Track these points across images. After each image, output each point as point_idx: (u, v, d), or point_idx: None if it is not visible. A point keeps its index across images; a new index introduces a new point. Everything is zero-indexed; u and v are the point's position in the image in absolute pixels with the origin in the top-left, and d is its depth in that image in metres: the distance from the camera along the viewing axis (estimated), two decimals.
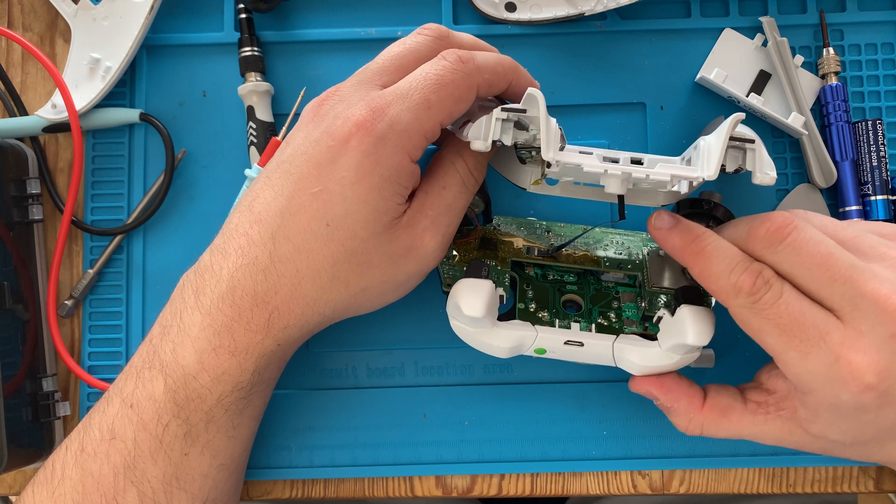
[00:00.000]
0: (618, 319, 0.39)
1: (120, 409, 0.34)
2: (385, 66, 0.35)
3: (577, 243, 0.40)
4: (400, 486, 0.42)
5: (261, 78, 0.43)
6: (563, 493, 0.42)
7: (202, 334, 0.34)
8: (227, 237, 0.35)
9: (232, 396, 0.34)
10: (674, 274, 0.39)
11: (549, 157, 0.33)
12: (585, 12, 0.42)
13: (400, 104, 0.33)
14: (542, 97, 0.33)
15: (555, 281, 0.40)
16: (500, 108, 0.34)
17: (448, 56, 0.34)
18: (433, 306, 0.42)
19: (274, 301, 0.34)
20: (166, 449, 0.34)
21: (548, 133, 0.33)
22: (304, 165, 0.33)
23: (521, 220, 0.40)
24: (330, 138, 0.33)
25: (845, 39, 0.44)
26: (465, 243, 0.40)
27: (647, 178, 0.33)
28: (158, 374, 0.34)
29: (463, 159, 0.36)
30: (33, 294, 0.42)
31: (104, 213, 0.43)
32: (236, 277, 0.33)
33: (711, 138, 0.35)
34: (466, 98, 0.34)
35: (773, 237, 0.32)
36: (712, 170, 0.33)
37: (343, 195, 0.33)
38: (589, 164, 0.33)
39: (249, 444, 0.38)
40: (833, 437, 0.34)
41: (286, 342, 0.35)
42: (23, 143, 0.43)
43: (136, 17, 0.42)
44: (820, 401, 0.32)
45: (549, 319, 0.38)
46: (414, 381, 0.42)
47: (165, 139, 0.42)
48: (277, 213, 0.33)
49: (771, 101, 0.42)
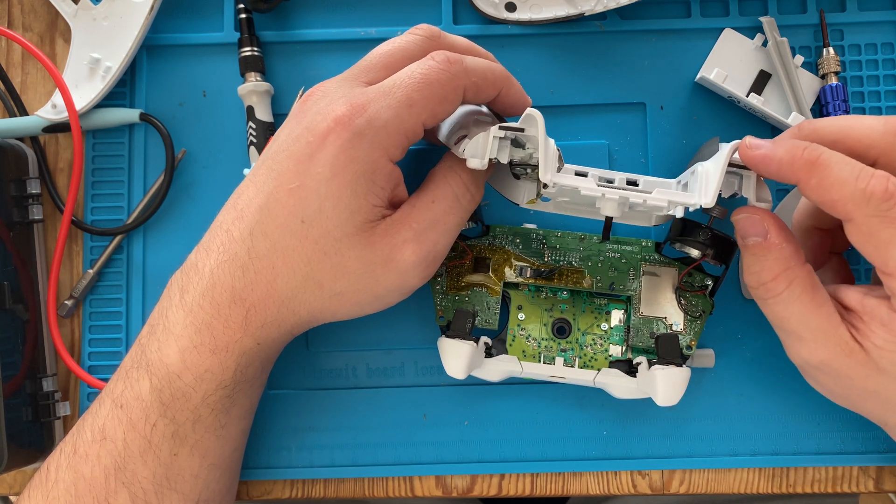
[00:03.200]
0: (604, 346, 0.40)
1: (111, 410, 0.34)
2: (372, 64, 0.35)
3: (573, 254, 0.40)
4: (400, 486, 0.42)
5: (260, 78, 0.43)
6: (563, 493, 0.42)
7: (184, 332, 0.34)
8: (211, 234, 0.35)
9: (216, 395, 0.34)
10: (664, 301, 0.39)
11: (546, 179, 0.33)
12: (585, 12, 0.42)
13: (381, 101, 0.33)
14: (541, 117, 0.33)
15: (547, 298, 0.40)
16: (497, 127, 0.34)
17: (436, 56, 0.34)
18: (433, 307, 0.42)
19: (250, 298, 0.34)
20: (155, 449, 0.34)
21: (546, 155, 0.33)
22: (285, 162, 0.33)
23: (517, 230, 0.40)
24: (309, 134, 0.33)
25: (845, 39, 0.44)
26: (459, 265, 0.40)
27: (644, 202, 0.33)
28: (145, 373, 0.34)
29: (457, 174, 0.36)
30: (33, 294, 0.42)
31: (104, 213, 0.43)
32: (216, 274, 0.34)
33: (710, 164, 0.35)
34: (451, 99, 0.34)
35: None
36: (710, 197, 0.33)
37: (318, 191, 0.33)
38: (586, 187, 0.34)
39: (241, 444, 0.38)
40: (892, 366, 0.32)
41: (265, 341, 0.35)
42: (23, 143, 0.43)
43: (136, 17, 0.42)
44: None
45: (536, 349, 0.39)
46: (414, 381, 0.42)
47: (165, 139, 0.42)
48: (256, 210, 0.33)
49: (771, 101, 0.42)
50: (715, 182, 0.33)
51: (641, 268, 0.40)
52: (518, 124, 0.34)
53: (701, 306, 0.39)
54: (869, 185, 0.30)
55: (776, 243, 0.34)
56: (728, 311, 0.42)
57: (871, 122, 0.33)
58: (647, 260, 0.40)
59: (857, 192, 0.31)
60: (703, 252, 0.37)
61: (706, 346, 0.42)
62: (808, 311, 0.33)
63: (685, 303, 0.39)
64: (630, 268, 0.40)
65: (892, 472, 0.41)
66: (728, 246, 0.37)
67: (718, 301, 0.40)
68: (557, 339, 0.40)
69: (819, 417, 0.41)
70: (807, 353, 0.34)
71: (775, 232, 0.34)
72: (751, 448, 0.41)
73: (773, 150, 0.33)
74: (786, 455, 0.41)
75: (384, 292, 0.35)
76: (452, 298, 0.40)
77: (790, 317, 0.34)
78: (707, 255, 0.37)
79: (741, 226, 0.35)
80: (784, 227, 0.34)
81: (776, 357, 0.41)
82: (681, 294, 0.39)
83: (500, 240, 0.40)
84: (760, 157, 0.33)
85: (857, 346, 0.33)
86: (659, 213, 0.35)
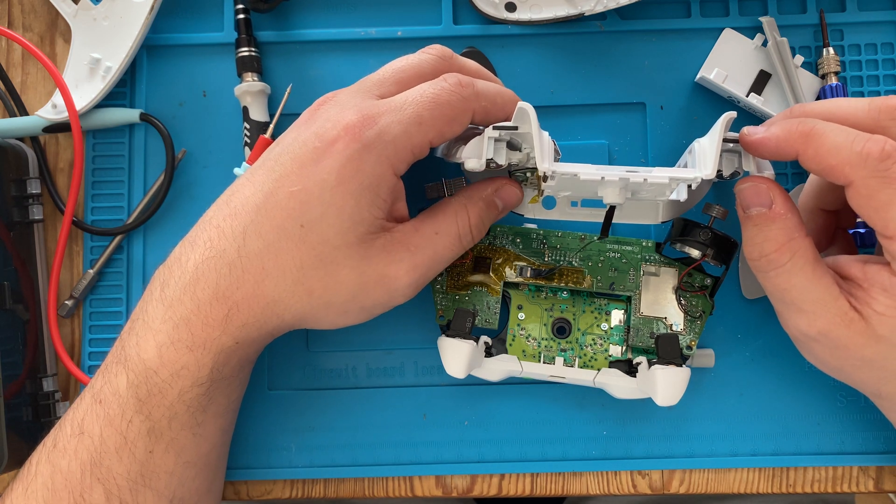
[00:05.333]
0: (604, 345, 0.40)
1: (90, 404, 0.34)
2: (385, 79, 0.36)
3: (573, 254, 0.40)
4: (400, 486, 0.42)
5: (256, 78, 0.43)
6: (562, 493, 0.42)
7: (163, 327, 0.34)
8: (199, 229, 0.35)
9: (192, 392, 0.34)
10: (665, 301, 0.39)
11: (544, 167, 0.33)
12: (585, 12, 0.42)
13: (392, 116, 0.33)
14: (532, 110, 0.33)
15: (548, 298, 0.40)
16: (491, 127, 0.34)
17: (448, 79, 0.34)
18: (433, 306, 0.42)
19: (235, 297, 0.33)
20: (131, 446, 0.34)
21: (541, 144, 0.33)
22: (288, 164, 0.33)
23: (518, 229, 0.40)
24: (317, 139, 0.33)
25: (845, 39, 0.44)
26: (459, 265, 0.40)
27: (646, 181, 0.33)
28: (122, 368, 0.34)
29: (467, 215, 0.36)
30: (33, 294, 0.42)
31: (104, 213, 0.43)
32: (201, 269, 0.33)
33: (705, 139, 0.35)
34: (460, 121, 0.35)
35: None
36: (709, 168, 0.33)
37: (321, 197, 0.33)
38: (585, 171, 0.34)
39: (219, 442, 0.38)
40: None
41: (244, 341, 0.35)
42: (23, 143, 0.43)
43: (136, 17, 0.42)
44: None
45: (536, 349, 0.39)
46: (414, 381, 0.42)
47: (165, 139, 0.42)
48: (253, 209, 0.33)
49: (771, 101, 0.42)
50: (713, 153, 0.33)
51: (642, 268, 0.40)
52: (511, 122, 0.34)
53: (701, 306, 0.39)
54: (865, 146, 0.31)
55: (781, 213, 0.34)
56: (728, 311, 0.42)
57: (856, 102, 0.34)
58: (647, 260, 0.40)
59: (853, 154, 0.31)
60: (703, 252, 0.37)
61: (706, 346, 0.42)
62: (810, 283, 0.33)
63: (685, 303, 0.39)
64: (630, 268, 0.40)
65: (892, 472, 0.41)
66: (728, 246, 0.37)
67: (718, 301, 0.40)
68: (557, 338, 0.40)
69: (819, 417, 0.41)
70: (805, 325, 0.34)
71: (780, 201, 0.34)
72: (751, 448, 0.41)
73: (770, 129, 0.33)
74: (786, 455, 0.41)
75: (371, 306, 0.35)
76: (452, 298, 0.40)
77: (791, 288, 0.34)
78: (707, 255, 0.37)
79: (745, 195, 0.35)
80: (788, 197, 0.34)
81: (776, 357, 0.42)
82: (681, 294, 0.39)
83: (500, 239, 0.40)
84: (759, 139, 0.34)
85: (857, 314, 0.33)
86: (662, 196, 0.35)
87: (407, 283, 0.35)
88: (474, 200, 0.36)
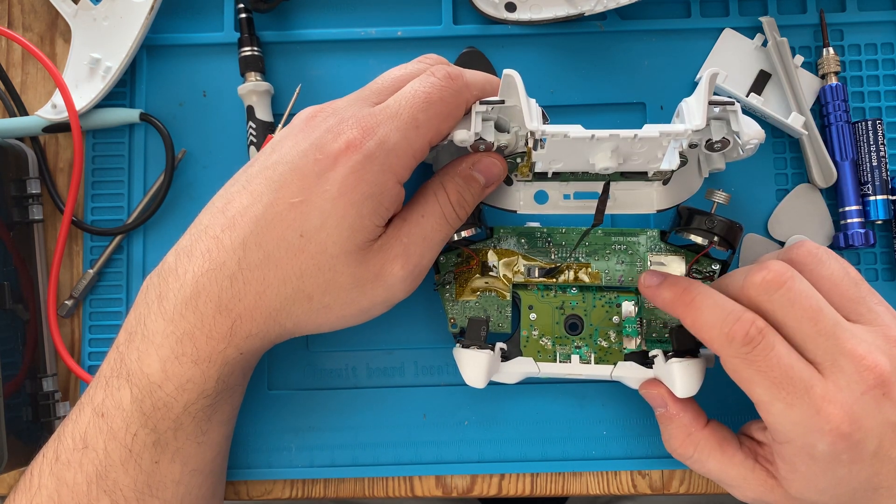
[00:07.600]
0: (617, 339, 0.40)
1: (91, 418, 0.34)
2: (383, 87, 0.36)
3: (580, 249, 0.40)
4: (400, 486, 0.42)
5: (260, 78, 0.43)
6: (563, 493, 0.42)
7: (165, 342, 0.33)
8: (194, 238, 0.34)
9: (198, 404, 0.34)
10: None
11: (532, 126, 0.33)
12: (585, 12, 0.42)
13: (390, 123, 0.33)
14: (518, 76, 0.33)
15: (557, 296, 0.40)
16: (478, 102, 0.34)
17: (437, 72, 0.34)
18: (433, 306, 0.42)
19: (237, 309, 0.33)
20: (136, 458, 0.34)
21: (528, 107, 0.33)
22: (288, 175, 0.33)
23: (521, 229, 0.40)
24: (318, 151, 0.33)
25: (845, 39, 0.44)
26: (466, 270, 0.40)
27: (636, 137, 0.33)
28: (125, 382, 0.34)
29: (445, 191, 0.36)
30: (33, 294, 0.42)
31: (104, 213, 0.43)
32: (201, 282, 0.33)
33: (691, 98, 0.35)
34: (455, 115, 0.35)
35: (770, 284, 0.33)
36: (699, 118, 0.33)
37: (322, 208, 0.33)
38: (574, 131, 0.33)
39: (223, 448, 0.38)
40: (811, 498, 0.34)
41: (248, 351, 0.35)
42: (23, 143, 0.43)
43: (136, 17, 0.42)
44: (797, 451, 0.33)
45: (551, 348, 0.39)
46: (414, 381, 0.42)
47: (165, 139, 0.42)
48: (252, 220, 0.33)
49: (771, 101, 0.42)
50: (701, 105, 0.33)
51: (648, 258, 0.40)
52: (498, 97, 0.34)
53: None
54: (732, 329, 0.33)
55: (673, 413, 0.38)
56: None
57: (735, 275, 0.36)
58: (653, 250, 0.40)
59: (721, 335, 0.33)
60: (709, 239, 0.37)
61: None
62: (723, 465, 0.36)
63: None
64: (637, 259, 0.40)
65: None
66: (733, 230, 0.37)
67: None
68: (571, 335, 0.40)
69: None
70: (741, 496, 0.37)
71: (671, 403, 0.38)
72: None
73: (661, 289, 0.36)
74: None
75: (369, 305, 0.35)
76: (463, 305, 0.40)
77: (710, 472, 0.37)
78: (713, 241, 0.37)
79: (647, 398, 0.39)
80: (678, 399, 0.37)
81: None
82: None
83: (504, 241, 0.40)
84: (651, 294, 0.37)
85: (774, 481, 0.35)
86: (654, 163, 0.35)
87: (402, 275, 0.35)
88: (450, 176, 0.36)
